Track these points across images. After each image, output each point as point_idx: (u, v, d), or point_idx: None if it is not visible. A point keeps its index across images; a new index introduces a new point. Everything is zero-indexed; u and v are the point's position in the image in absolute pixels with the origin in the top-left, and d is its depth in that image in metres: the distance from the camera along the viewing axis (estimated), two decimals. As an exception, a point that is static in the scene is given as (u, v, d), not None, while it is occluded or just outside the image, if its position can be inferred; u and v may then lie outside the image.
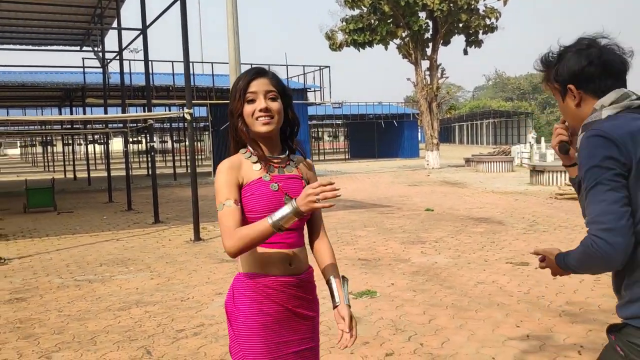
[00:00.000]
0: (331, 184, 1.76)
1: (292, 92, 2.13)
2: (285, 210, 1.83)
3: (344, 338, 2.03)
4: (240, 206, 1.95)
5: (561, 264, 1.78)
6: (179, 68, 24.25)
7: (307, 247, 2.18)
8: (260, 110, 1.99)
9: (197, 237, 9.32)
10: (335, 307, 2.08)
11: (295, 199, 1.83)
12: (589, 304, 5.21)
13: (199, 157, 39.24)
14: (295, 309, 2.02)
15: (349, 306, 2.08)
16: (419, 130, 39.38)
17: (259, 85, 2.00)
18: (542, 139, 35.34)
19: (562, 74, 1.83)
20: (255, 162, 2.03)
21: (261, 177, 2.00)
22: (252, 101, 2.00)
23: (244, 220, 1.96)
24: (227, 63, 20.93)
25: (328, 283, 2.12)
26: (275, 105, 2.01)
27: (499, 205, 12.57)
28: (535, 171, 17.35)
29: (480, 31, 26.50)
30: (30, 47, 20.16)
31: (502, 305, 5.23)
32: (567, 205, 12.19)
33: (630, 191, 1.60)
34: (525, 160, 25.11)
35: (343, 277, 2.15)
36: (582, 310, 5.03)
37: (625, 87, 1.80)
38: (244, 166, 2.01)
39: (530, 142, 26.88)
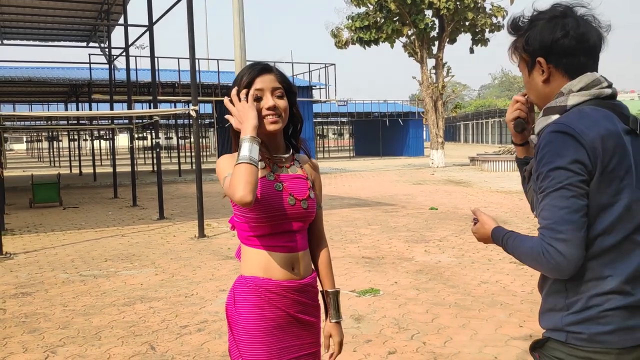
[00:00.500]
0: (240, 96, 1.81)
1: (296, 88, 2.05)
2: (244, 145, 1.78)
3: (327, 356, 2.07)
4: None
5: (498, 241, 1.67)
6: (185, 64, 24.34)
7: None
8: (268, 109, 1.89)
9: (202, 234, 9.35)
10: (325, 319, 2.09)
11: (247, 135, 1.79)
12: (592, 304, 5.20)
13: (204, 153, 39.31)
14: (297, 314, 1.96)
15: (338, 323, 2.08)
16: (424, 128, 39.32)
17: (265, 82, 1.91)
18: (548, 138, 35.24)
19: (532, 43, 1.62)
20: (259, 160, 1.93)
21: (265, 176, 1.92)
22: (259, 99, 1.91)
23: (249, 221, 1.91)
24: (233, 60, 20.99)
25: (322, 294, 2.12)
26: (282, 103, 1.93)
27: (503, 204, 12.55)
28: (541, 171, 17.27)
29: (487, 30, 26.41)
30: (37, 42, 20.24)
31: (506, 305, 5.23)
32: (572, 205, 12.15)
33: (590, 196, 1.48)
34: (531, 159, 25.02)
35: (334, 291, 2.09)
36: (585, 310, 5.02)
37: (597, 66, 1.64)
38: None
39: (535, 142, 26.78)
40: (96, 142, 29.86)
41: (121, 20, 15.58)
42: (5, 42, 18.84)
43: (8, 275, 7.01)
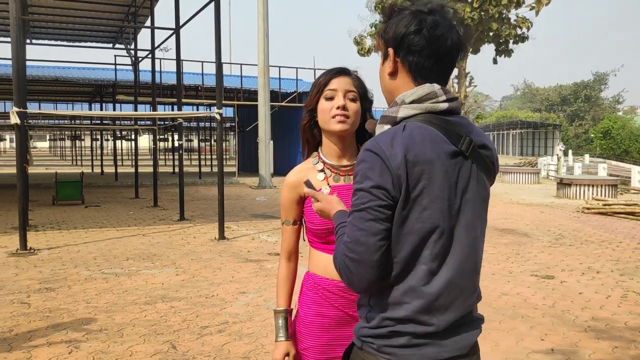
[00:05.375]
0: None
1: (372, 96, 2.06)
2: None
3: None
4: (298, 223, 2.05)
5: (335, 224, 1.64)
6: (208, 68, 24.55)
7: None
8: (338, 108, 1.90)
9: (222, 236, 9.41)
10: None
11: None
12: (615, 320, 5.14)
13: (225, 156, 39.54)
14: (355, 313, 1.96)
15: None
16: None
17: (339, 83, 1.93)
18: (570, 151, 34.85)
19: (388, 32, 1.55)
20: (320, 171, 1.98)
21: (321, 189, 1.94)
22: (331, 98, 1.93)
23: (311, 231, 1.98)
24: (256, 65, 21.19)
25: None
26: (354, 106, 1.93)
27: (524, 217, 12.44)
28: (562, 184, 17.13)
29: (511, 41, 26.26)
30: (64, 43, 20.59)
31: (527, 318, 5.19)
32: (595, 219, 12.01)
33: (394, 222, 1.46)
34: (552, 172, 24.79)
35: None
36: (608, 326, 4.97)
37: (446, 76, 1.57)
38: (309, 177, 1.97)
39: (557, 155, 26.54)
40: (118, 142, 30.23)
41: (148, 23, 15.80)
42: (34, 41, 19.21)
43: (32, 270, 7.13)
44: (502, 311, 5.39)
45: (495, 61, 27.25)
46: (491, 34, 25.85)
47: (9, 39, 8.98)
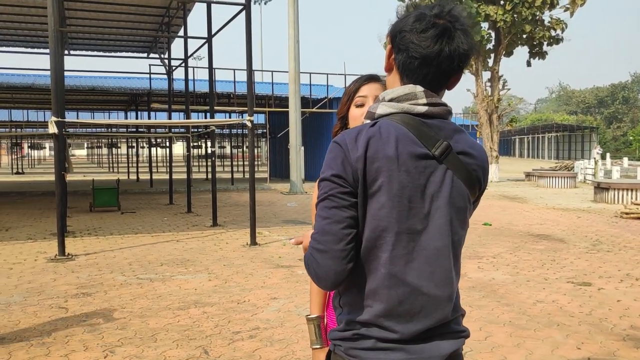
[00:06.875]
0: None
1: None
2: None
3: None
4: None
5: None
6: (240, 76, 24.85)
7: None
8: None
9: (254, 242, 9.49)
10: None
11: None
12: (655, 329, 4.99)
13: (256, 162, 39.87)
14: None
15: None
16: (478, 142, 38.64)
17: (370, 89, 1.96)
18: (608, 155, 34.01)
19: (393, 24, 1.54)
20: None
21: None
22: (362, 105, 1.95)
23: None
24: (287, 72, 21.35)
25: None
26: None
27: (560, 222, 12.19)
28: (600, 188, 16.72)
29: (545, 43, 25.82)
30: (101, 53, 21.11)
31: (562, 326, 5.08)
32: (634, 224, 11.69)
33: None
34: (589, 176, 24.24)
35: None
36: (648, 335, 4.83)
37: (436, 82, 1.51)
38: None
39: (595, 158, 25.93)
40: (153, 150, 30.78)
41: (181, 32, 16.07)
42: (72, 52, 19.75)
43: (70, 275, 7.31)
44: (537, 319, 5.29)
45: (529, 64, 26.85)
46: (524, 36, 25.47)
47: (48, 51, 9.25)
